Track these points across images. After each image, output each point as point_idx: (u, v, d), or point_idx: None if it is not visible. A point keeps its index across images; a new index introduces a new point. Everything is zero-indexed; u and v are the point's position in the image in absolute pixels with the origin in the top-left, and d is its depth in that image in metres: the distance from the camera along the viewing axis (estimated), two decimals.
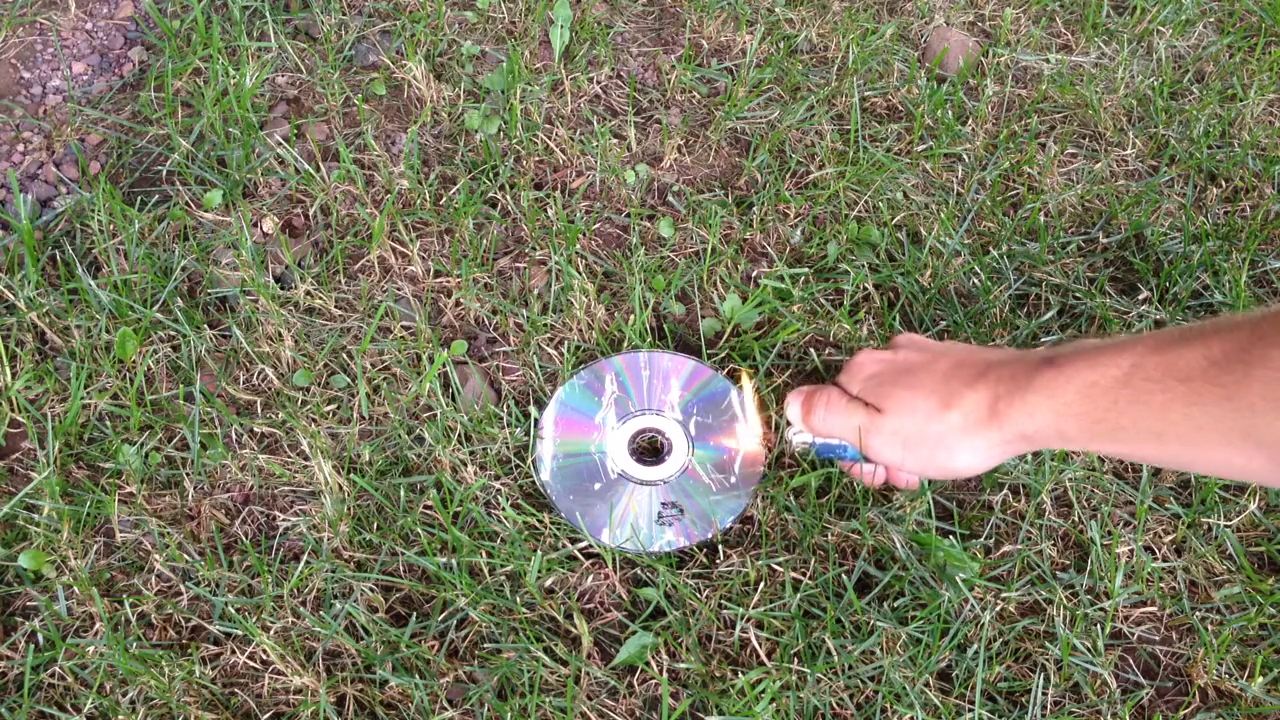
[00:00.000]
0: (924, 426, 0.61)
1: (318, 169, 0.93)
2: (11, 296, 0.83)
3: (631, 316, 0.84)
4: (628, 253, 0.89)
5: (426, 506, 0.74)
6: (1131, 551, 0.74)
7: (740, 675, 0.67)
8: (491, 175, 0.94)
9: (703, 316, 0.86)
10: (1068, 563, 0.74)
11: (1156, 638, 0.72)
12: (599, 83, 1.02)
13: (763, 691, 0.66)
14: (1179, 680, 0.70)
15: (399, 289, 0.87)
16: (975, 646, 0.69)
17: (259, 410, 0.79)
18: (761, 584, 0.71)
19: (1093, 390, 0.52)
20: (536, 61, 1.03)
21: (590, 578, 0.72)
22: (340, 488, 0.74)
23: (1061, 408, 0.53)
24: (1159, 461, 0.56)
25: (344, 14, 1.06)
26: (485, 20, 1.07)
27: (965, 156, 0.97)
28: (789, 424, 0.74)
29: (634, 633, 0.69)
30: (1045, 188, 0.96)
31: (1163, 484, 0.78)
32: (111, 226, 0.87)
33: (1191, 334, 0.48)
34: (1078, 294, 0.88)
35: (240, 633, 0.68)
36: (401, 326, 0.84)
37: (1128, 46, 1.08)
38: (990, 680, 0.68)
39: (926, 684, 0.67)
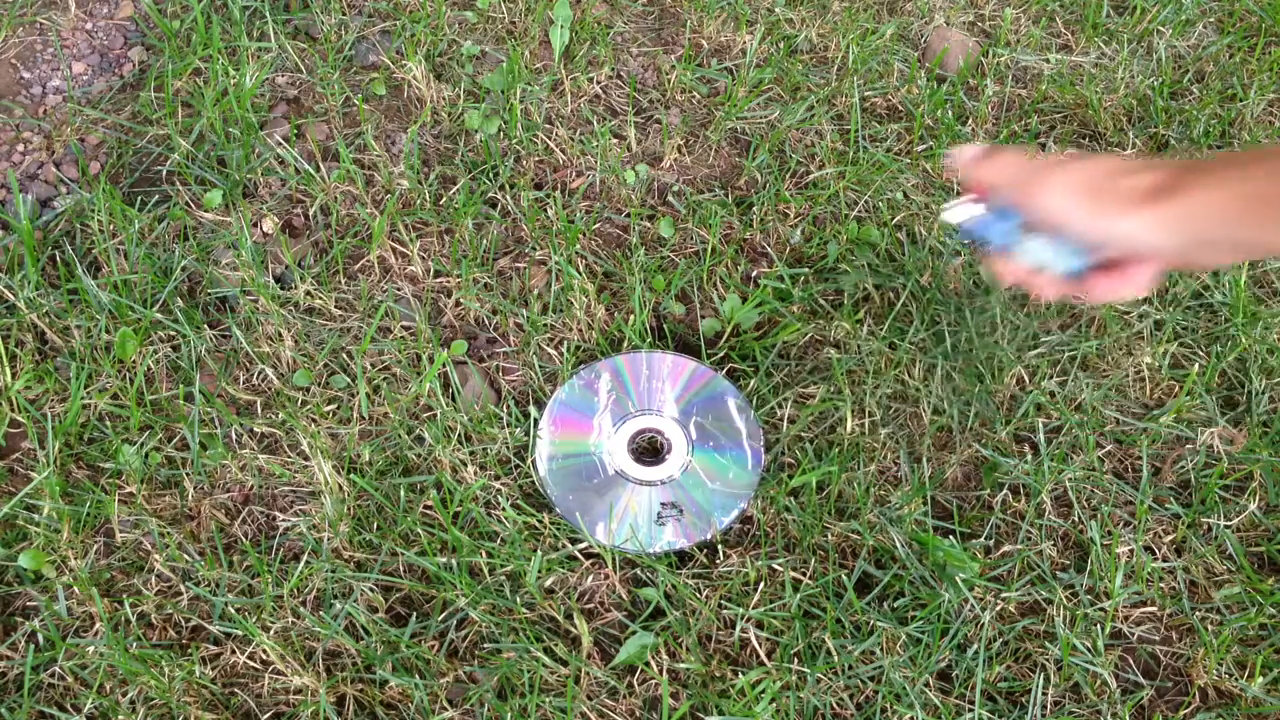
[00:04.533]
0: (1102, 179, 0.56)
1: (318, 169, 0.93)
2: (11, 296, 0.83)
3: (631, 316, 0.84)
4: (628, 253, 0.89)
5: (426, 506, 0.74)
6: (1131, 551, 0.74)
7: (740, 675, 0.67)
8: (491, 175, 0.94)
9: (703, 316, 0.86)
10: (1068, 563, 0.74)
11: (1156, 638, 0.72)
12: (599, 83, 1.02)
13: (763, 691, 0.66)
14: (1179, 680, 0.70)
15: (399, 289, 0.87)
16: (975, 646, 0.69)
17: (259, 410, 0.79)
18: (761, 584, 0.71)
19: (1257, 172, 0.49)
20: (536, 61, 1.03)
21: (590, 578, 0.72)
22: (340, 488, 0.74)
23: (1245, 184, 0.50)
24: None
25: (344, 14, 1.06)
26: (485, 20, 1.07)
27: None
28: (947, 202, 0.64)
29: (634, 633, 0.69)
30: None
31: (1163, 484, 0.78)
32: (111, 226, 0.87)
33: None
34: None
35: (240, 633, 0.68)
36: (401, 326, 0.84)
37: (1128, 46, 1.08)
38: (990, 680, 0.68)
39: (926, 684, 0.67)
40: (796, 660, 0.68)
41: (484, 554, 0.71)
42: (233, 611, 0.69)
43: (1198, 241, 0.54)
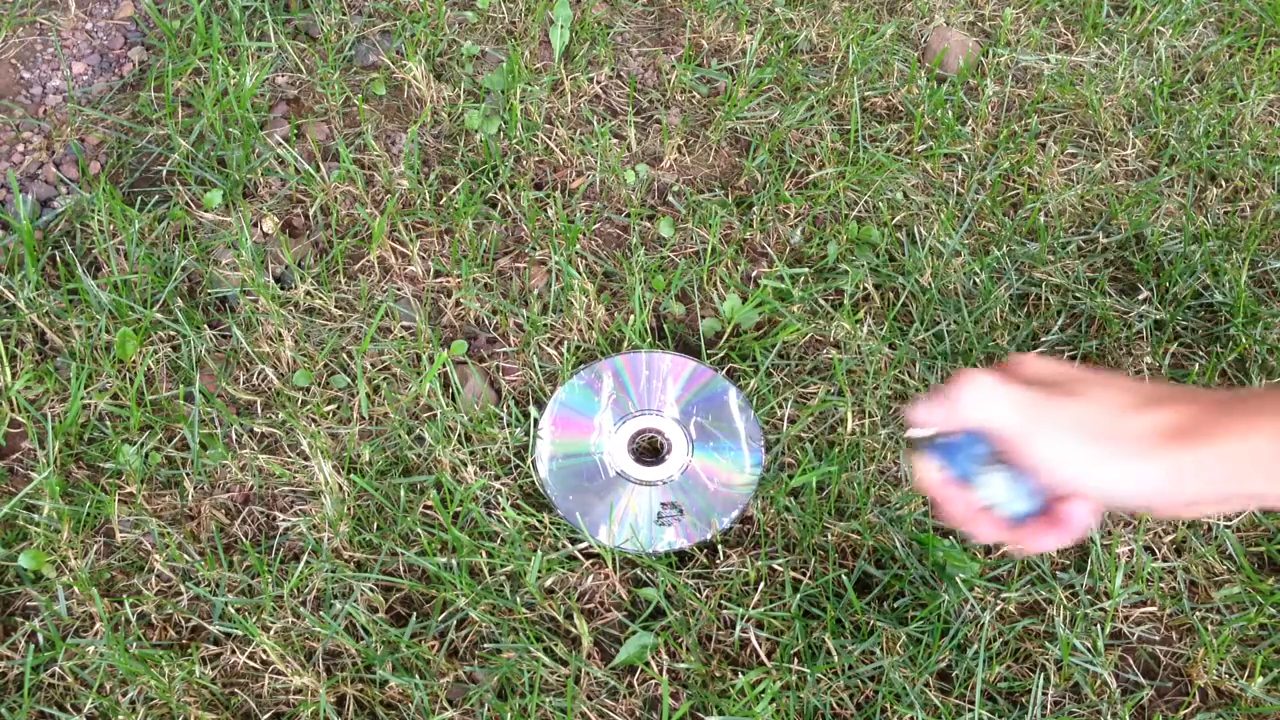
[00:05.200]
0: (1114, 420, 0.49)
1: (318, 169, 0.93)
2: (11, 296, 0.83)
3: (631, 316, 0.84)
4: (628, 253, 0.89)
5: (426, 506, 0.74)
6: (1131, 551, 0.74)
7: (740, 675, 0.67)
8: (491, 175, 0.94)
9: (703, 316, 0.86)
10: (1068, 563, 0.74)
11: (1156, 638, 0.72)
12: (599, 83, 1.02)
13: (763, 691, 0.66)
14: (1179, 680, 0.70)
15: (399, 289, 0.87)
16: (975, 646, 0.69)
17: (259, 410, 0.79)
18: (761, 584, 0.71)
19: None
20: (536, 61, 1.03)
21: (590, 578, 0.72)
22: (340, 488, 0.74)
23: (1248, 426, 0.44)
24: None
25: (344, 14, 1.06)
26: (485, 20, 1.07)
27: (965, 156, 0.97)
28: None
29: (634, 633, 0.69)
30: (1045, 188, 0.96)
31: None
32: (111, 226, 0.87)
33: None
34: (1078, 294, 0.88)
35: (240, 633, 0.68)
36: (401, 326, 0.84)
37: (1128, 46, 1.08)
38: (990, 680, 0.68)
39: (926, 684, 0.67)
40: (796, 660, 0.68)
41: (484, 554, 0.71)
42: (233, 611, 0.69)
43: (1219, 493, 0.47)
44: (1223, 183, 0.97)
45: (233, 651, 0.69)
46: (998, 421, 0.52)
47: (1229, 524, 0.75)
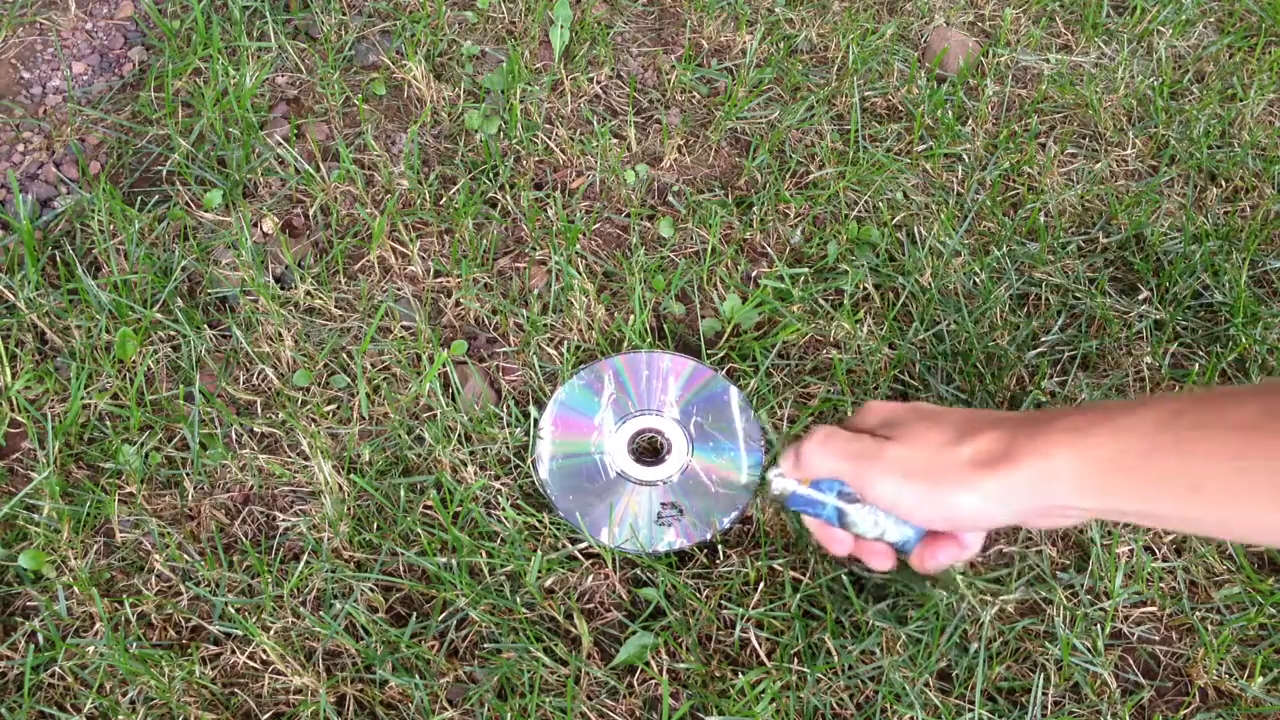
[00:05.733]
0: (932, 457, 0.54)
1: (318, 169, 0.93)
2: (11, 296, 0.83)
3: (631, 316, 0.84)
4: (628, 253, 0.89)
5: (426, 506, 0.74)
6: (1131, 551, 0.74)
7: (740, 675, 0.67)
8: (491, 175, 0.94)
9: (703, 316, 0.86)
10: (1068, 563, 0.74)
11: (1156, 638, 0.72)
12: (599, 83, 1.02)
13: (763, 692, 0.66)
14: (1179, 680, 0.70)
15: (399, 289, 0.87)
16: (975, 646, 0.69)
17: (259, 410, 0.79)
18: (761, 584, 0.71)
19: (1125, 435, 0.46)
20: (536, 61, 1.03)
21: (590, 578, 0.72)
22: (340, 488, 0.74)
23: (1085, 451, 0.47)
24: (1187, 523, 0.48)
25: (344, 14, 1.06)
26: (485, 20, 1.07)
27: (965, 156, 0.97)
28: (773, 469, 0.63)
29: (634, 633, 0.69)
30: (1045, 188, 0.96)
31: None
32: (111, 226, 0.87)
33: (1244, 390, 0.44)
34: (1078, 294, 0.88)
35: (240, 633, 0.68)
36: (401, 326, 0.84)
37: (1128, 46, 1.08)
38: (990, 680, 0.68)
39: (926, 684, 0.67)
40: (796, 660, 0.68)
41: (484, 554, 0.71)
42: (233, 611, 0.69)
43: (1034, 510, 0.51)
44: (1223, 183, 0.97)
45: (233, 651, 0.69)
46: (836, 472, 0.58)
47: None
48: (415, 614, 0.70)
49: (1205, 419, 0.43)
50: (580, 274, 0.86)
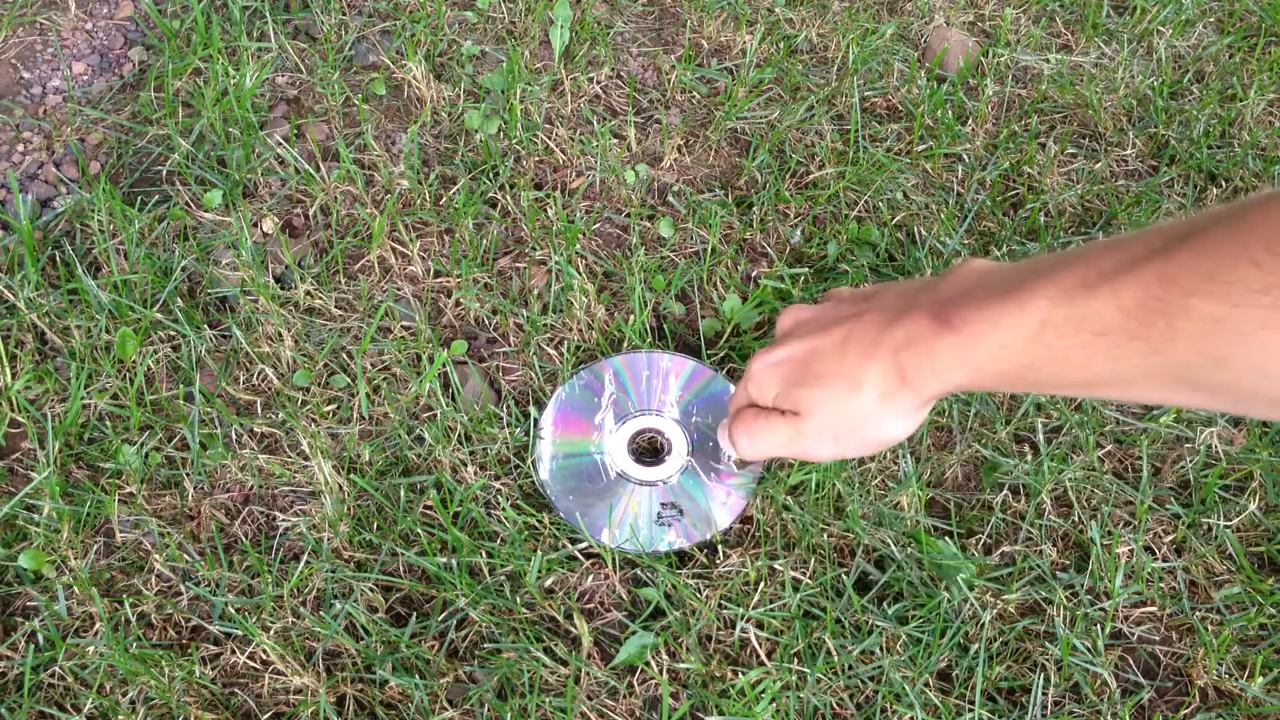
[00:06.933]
0: (844, 413, 0.58)
1: (318, 169, 0.93)
2: (11, 297, 0.83)
3: (631, 316, 0.84)
4: (628, 253, 0.89)
5: (426, 506, 0.74)
6: (1131, 551, 0.74)
7: (740, 675, 0.67)
8: (491, 175, 0.94)
9: (703, 316, 0.86)
10: (1068, 563, 0.74)
11: (1156, 638, 0.72)
12: (599, 83, 1.02)
13: (763, 691, 0.66)
14: (1179, 680, 0.70)
15: (399, 289, 0.87)
16: (975, 646, 0.69)
17: (259, 410, 0.79)
18: (761, 584, 0.71)
19: (1004, 352, 0.49)
20: (536, 61, 1.03)
21: (590, 578, 0.72)
22: (340, 488, 0.74)
23: (974, 370, 0.51)
24: (1093, 399, 0.54)
25: (344, 14, 1.06)
26: (485, 20, 1.07)
27: (965, 156, 0.97)
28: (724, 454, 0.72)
29: (634, 633, 0.69)
30: (1045, 188, 0.96)
31: (1163, 484, 0.78)
32: (111, 226, 0.87)
33: (1093, 276, 0.44)
34: None
35: (240, 633, 0.68)
36: (401, 326, 0.84)
37: (1128, 46, 1.08)
38: (990, 680, 0.68)
39: (926, 684, 0.67)
40: (796, 660, 0.68)
41: (484, 554, 0.71)
42: (233, 611, 0.69)
43: (947, 396, 0.58)
44: (1223, 183, 0.97)
45: (233, 651, 0.69)
46: (775, 456, 0.64)
47: (1229, 524, 0.75)
48: (415, 614, 0.70)
49: (1070, 326, 0.45)
50: (580, 274, 0.86)
